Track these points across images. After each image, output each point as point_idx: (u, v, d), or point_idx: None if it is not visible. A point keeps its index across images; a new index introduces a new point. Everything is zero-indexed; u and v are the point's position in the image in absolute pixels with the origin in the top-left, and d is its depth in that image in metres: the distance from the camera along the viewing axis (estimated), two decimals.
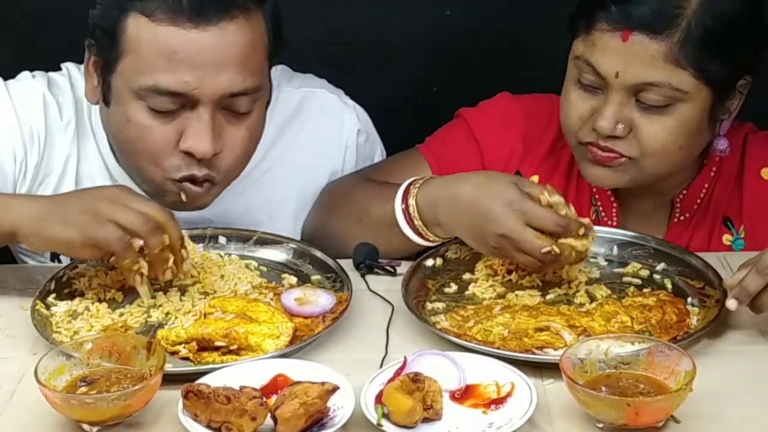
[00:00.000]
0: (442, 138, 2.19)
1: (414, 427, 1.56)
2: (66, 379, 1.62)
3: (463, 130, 2.17)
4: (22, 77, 2.09)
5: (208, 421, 1.54)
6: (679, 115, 1.92)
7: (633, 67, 1.89)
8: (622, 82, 1.90)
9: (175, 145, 1.92)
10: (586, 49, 1.93)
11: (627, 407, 1.54)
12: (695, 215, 2.09)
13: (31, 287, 1.89)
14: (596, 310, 1.82)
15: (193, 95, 1.88)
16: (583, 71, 1.94)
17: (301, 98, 2.19)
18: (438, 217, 1.93)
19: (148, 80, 1.88)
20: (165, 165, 1.93)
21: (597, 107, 1.94)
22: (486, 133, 2.15)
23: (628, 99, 1.92)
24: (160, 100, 1.89)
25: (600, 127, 1.93)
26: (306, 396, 1.53)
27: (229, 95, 1.90)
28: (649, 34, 1.87)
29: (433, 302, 1.90)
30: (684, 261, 1.95)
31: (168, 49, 1.86)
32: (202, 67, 1.87)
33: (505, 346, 1.74)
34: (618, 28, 1.89)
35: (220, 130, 1.92)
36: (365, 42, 2.64)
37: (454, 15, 2.69)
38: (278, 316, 1.77)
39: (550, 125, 2.13)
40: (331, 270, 1.95)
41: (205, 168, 1.93)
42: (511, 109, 2.16)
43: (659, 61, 1.88)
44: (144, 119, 1.91)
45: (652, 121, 1.92)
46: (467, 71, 2.66)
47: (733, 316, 1.82)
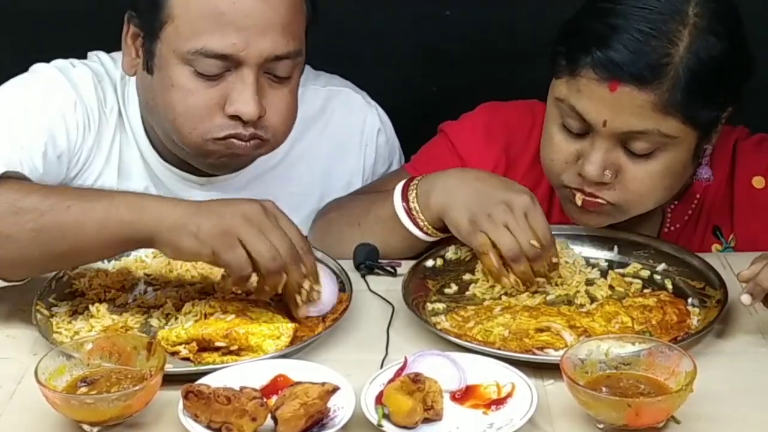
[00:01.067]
0: (427, 156, 2.19)
1: (414, 427, 1.56)
2: (66, 379, 1.62)
3: (446, 146, 2.16)
4: (62, 64, 2.09)
5: (208, 422, 1.54)
6: (666, 159, 1.89)
7: (621, 117, 1.85)
8: (609, 130, 1.86)
9: (220, 108, 1.94)
10: (571, 94, 1.89)
11: (627, 408, 1.54)
12: (686, 226, 2.09)
13: (31, 287, 1.89)
14: (597, 311, 1.82)
15: (240, 57, 1.91)
16: (567, 116, 1.91)
17: (327, 96, 2.23)
18: (435, 191, 1.93)
19: (196, 43, 1.91)
20: (207, 126, 1.95)
21: (582, 151, 1.91)
22: (469, 147, 2.14)
23: (615, 145, 1.88)
24: (207, 62, 1.92)
25: (587, 174, 1.89)
26: (306, 396, 1.53)
27: (273, 58, 1.93)
28: (637, 85, 1.83)
29: (434, 303, 1.90)
30: (684, 261, 1.95)
31: (215, 11, 1.90)
32: (249, 29, 1.90)
33: (506, 346, 1.74)
34: (605, 78, 1.84)
35: (263, 93, 1.95)
36: (365, 42, 2.64)
37: (454, 15, 2.69)
38: (278, 317, 1.77)
39: (532, 135, 2.12)
40: (331, 270, 1.95)
41: (252, 128, 1.96)
42: (492, 120, 2.15)
43: (648, 111, 1.84)
44: (189, 83, 1.94)
45: (639, 167, 1.89)
46: (467, 71, 2.66)
47: (733, 317, 1.83)
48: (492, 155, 2.12)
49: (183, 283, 1.93)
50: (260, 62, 1.92)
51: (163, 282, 1.94)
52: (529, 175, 2.11)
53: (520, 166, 2.12)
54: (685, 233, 2.08)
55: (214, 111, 1.94)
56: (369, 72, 2.40)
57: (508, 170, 2.11)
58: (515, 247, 1.84)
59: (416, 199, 1.96)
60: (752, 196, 2.05)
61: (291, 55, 1.96)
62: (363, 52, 2.63)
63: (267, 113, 1.96)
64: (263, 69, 1.94)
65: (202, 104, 1.94)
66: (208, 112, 1.94)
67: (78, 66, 2.10)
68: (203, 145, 1.97)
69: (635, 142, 1.87)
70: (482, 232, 1.86)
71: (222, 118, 1.95)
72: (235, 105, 1.93)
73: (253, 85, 1.93)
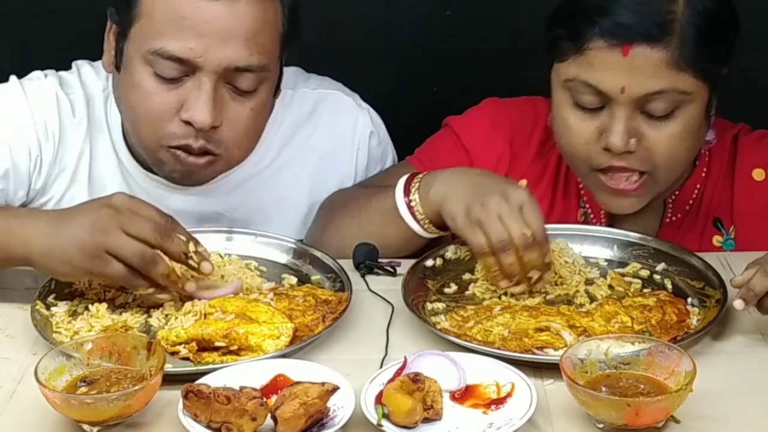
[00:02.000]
0: (432, 148, 2.19)
1: (414, 427, 1.56)
2: (66, 379, 1.62)
3: (452, 139, 2.17)
4: (33, 76, 2.12)
5: (208, 422, 1.54)
6: (684, 118, 1.92)
7: (638, 80, 1.87)
8: (628, 97, 1.89)
9: (176, 114, 1.94)
10: (581, 71, 1.90)
11: (627, 407, 1.54)
12: (687, 216, 2.10)
13: (31, 287, 1.89)
14: (596, 311, 1.82)
15: (197, 63, 1.91)
16: (579, 93, 1.92)
17: (317, 99, 2.22)
18: (436, 183, 1.93)
19: (155, 44, 1.91)
20: (163, 132, 1.95)
21: (603, 126, 1.92)
22: (474, 140, 2.15)
23: (633, 112, 1.91)
24: (165, 65, 1.92)
25: (613, 145, 1.91)
26: (306, 396, 1.53)
27: (233, 69, 1.92)
28: (649, 43, 1.86)
29: (433, 302, 1.90)
30: (684, 261, 1.95)
31: (178, 14, 1.90)
32: (209, 36, 1.90)
33: (505, 346, 1.74)
34: (616, 43, 1.87)
35: (223, 104, 1.94)
36: (365, 42, 2.64)
37: (454, 15, 2.69)
38: (278, 317, 1.77)
39: (535, 129, 2.13)
40: (331, 270, 1.96)
41: (203, 140, 1.95)
42: (497, 114, 2.16)
43: (662, 69, 1.87)
44: (148, 84, 1.94)
45: (660, 129, 1.92)
46: (467, 71, 2.66)
47: (733, 316, 1.83)
48: (497, 147, 2.13)
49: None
50: (218, 71, 1.91)
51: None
52: (533, 168, 2.13)
53: (523, 158, 2.13)
54: (686, 223, 2.09)
55: (170, 116, 1.94)
56: (369, 72, 2.40)
57: (512, 163, 2.13)
58: (504, 236, 1.81)
59: (417, 191, 1.95)
60: (752, 188, 2.07)
61: (254, 69, 1.94)
62: (363, 51, 2.63)
63: (223, 126, 1.95)
64: (225, 79, 1.93)
65: (159, 107, 1.94)
66: (165, 116, 1.94)
67: (47, 78, 2.11)
68: (158, 150, 1.98)
69: (654, 104, 1.90)
70: (477, 224, 1.84)
71: (176, 124, 1.94)
72: (189, 111, 1.93)
73: (209, 93, 1.92)
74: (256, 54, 1.93)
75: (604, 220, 2.10)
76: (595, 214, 2.11)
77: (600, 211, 2.10)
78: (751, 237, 2.05)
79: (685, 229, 2.09)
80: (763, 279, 1.71)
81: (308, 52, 2.14)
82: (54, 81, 2.10)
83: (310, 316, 1.82)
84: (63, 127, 2.07)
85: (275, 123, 2.15)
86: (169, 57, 1.91)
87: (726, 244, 2.09)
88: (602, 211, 2.10)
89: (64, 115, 2.07)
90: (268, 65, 1.96)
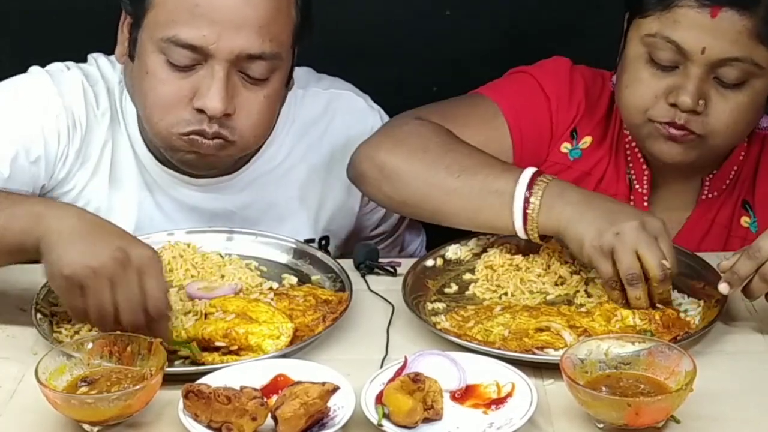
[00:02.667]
0: (511, 89, 2.15)
1: (414, 427, 1.56)
2: (66, 379, 1.62)
3: (533, 85, 2.15)
4: (55, 68, 2.11)
5: (208, 421, 1.54)
6: (752, 92, 1.96)
7: (720, 43, 1.91)
8: (706, 58, 1.92)
9: (188, 102, 1.95)
10: (665, 27, 1.94)
11: (627, 407, 1.54)
12: (722, 194, 2.12)
13: (31, 287, 1.89)
14: (596, 309, 1.82)
15: (210, 50, 1.91)
16: (658, 48, 1.95)
17: (329, 99, 2.22)
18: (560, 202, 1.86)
19: (169, 31, 1.92)
20: (174, 119, 1.95)
21: (674, 84, 1.95)
22: (557, 91, 2.14)
23: (707, 75, 1.94)
24: (178, 52, 1.92)
25: (683, 103, 1.94)
26: (306, 396, 1.53)
27: (245, 56, 1.93)
28: (738, 9, 1.90)
29: (434, 302, 1.90)
30: (684, 261, 1.95)
31: (191, 2, 1.91)
32: (222, 23, 1.90)
33: (506, 346, 1.74)
34: (706, 3, 1.90)
35: (235, 92, 1.95)
36: (365, 42, 2.64)
37: (454, 15, 2.69)
38: (278, 317, 1.77)
39: (603, 93, 2.16)
40: (332, 270, 1.96)
41: (216, 125, 1.95)
42: (573, 71, 2.17)
43: (744, 37, 1.91)
44: (161, 72, 1.95)
45: (727, 98, 1.95)
46: (467, 71, 2.65)
47: (733, 316, 1.83)
48: (574, 102, 2.14)
49: (183, 282, 1.93)
50: (231, 58, 1.92)
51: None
52: (598, 129, 2.14)
53: (592, 118, 2.14)
54: (719, 202, 2.12)
55: (183, 103, 1.95)
56: (369, 72, 2.40)
57: (584, 117, 2.14)
58: (637, 270, 1.77)
59: (540, 198, 1.87)
60: None
61: (266, 56, 1.94)
62: (363, 51, 2.63)
63: (236, 113, 1.96)
64: (237, 67, 1.94)
65: (171, 94, 1.95)
66: (177, 103, 1.95)
67: (70, 70, 2.11)
68: (169, 137, 1.98)
69: (727, 70, 1.93)
70: (609, 252, 1.79)
71: (189, 111, 1.95)
72: (202, 99, 1.93)
73: (222, 80, 1.92)
74: (268, 42, 1.94)
75: (646, 188, 2.12)
76: (639, 182, 2.12)
77: (643, 177, 2.12)
78: None
79: (719, 207, 2.12)
80: (747, 263, 1.74)
81: (309, 51, 2.14)
82: (79, 72, 2.10)
83: (310, 316, 1.82)
84: (89, 118, 2.08)
85: (287, 122, 2.15)
86: (182, 44, 1.91)
87: (752, 225, 2.12)
88: (645, 177, 2.11)
89: (90, 107, 2.08)
90: (280, 53, 1.97)
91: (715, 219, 2.11)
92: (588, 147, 2.14)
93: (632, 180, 2.13)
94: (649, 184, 2.12)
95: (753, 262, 1.75)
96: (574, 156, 2.14)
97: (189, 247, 2.01)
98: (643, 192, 2.12)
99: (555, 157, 2.14)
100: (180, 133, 1.96)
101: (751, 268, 1.75)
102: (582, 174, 2.13)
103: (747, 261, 1.75)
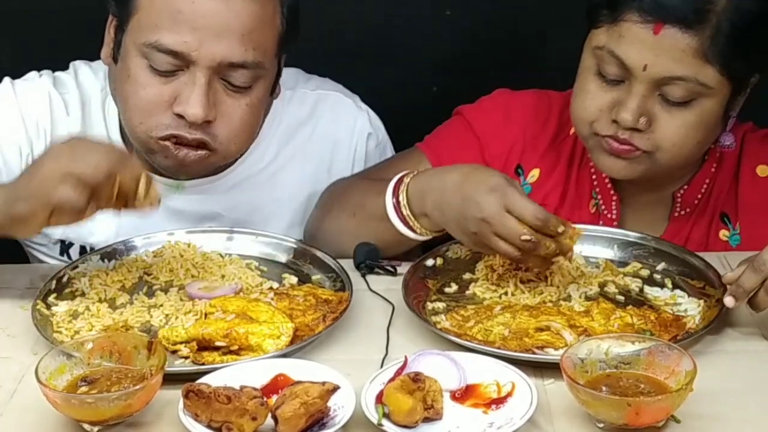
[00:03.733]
0: (442, 135, 2.19)
1: (414, 426, 1.56)
2: (67, 378, 1.62)
3: (463, 126, 2.17)
4: (28, 77, 2.14)
5: (208, 421, 1.54)
6: (700, 110, 1.93)
7: (662, 61, 1.89)
8: (648, 75, 1.90)
9: (168, 106, 1.95)
10: (611, 40, 1.92)
11: (627, 407, 1.54)
12: (695, 210, 2.10)
13: (31, 287, 1.89)
14: (594, 308, 1.82)
15: (191, 57, 1.91)
16: (605, 62, 1.94)
17: (316, 100, 2.22)
18: (425, 207, 1.92)
19: (151, 37, 1.92)
20: (153, 123, 1.96)
21: (618, 99, 1.94)
22: (486, 128, 2.15)
23: (651, 92, 1.92)
24: (160, 57, 1.92)
25: (623, 120, 1.92)
26: (306, 396, 1.53)
27: (227, 64, 1.93)
28: (681, 27, 1.87)
29: (434, 302, 1.90)
30: (684, 261, 1.95)
31: (174, 8, 1.91)
32: (204, 30, 1.90)
33: (506, 345, 1.74)
34: (649, 20, 1.88)
35: (217, 99, 1.95)
36: (365, 42, 2.64)
37: (454, 15, 2.69)
38: (279, 316, 1.77)
39: (549, 120, 2.14)
40: (332, 270, 1.96)
41: (198, 132, 1.95)
42: (510, 103, 2.17)
43: (688, 56, 1.88)
44: (143, 76, 1.95)
45: (673, 115, 1.93)
46: (467, 71, 2.66)
47: (733, 316, 1.83)
48: (510, 135, 2.14)
49: (183, 282, 1.93)
50: (213, 66, 1.92)
51: (163, 281, 1.94)
52: (546, 158, 2.13)
53: (537, 148, 2.14)
54: (693, 218, 2.10)
55: (162, 108, 1.95)
56: (369, 72, 2.40)
57: (525, 152, 2.13)
58: (513, 252, 1.81)
59: (407, 203, 1.94)
60: (756, 183, 2.09)
61: (249, 65, 1.94)
62: (363, 51, 2.63)
63: (217, 121, 1.95)
64: (219, 74, 1.94)
65: (151, 99, 1.95)
66: (156, 107, 1.95)
67: (41, 77, 2.12)
68: (147, 141, 1.98)
69: (672, 88, 1.90)
70: (486, 247, 1.86)
71: (168, 116, 1.95)
72: (182, 105, 1.93)
73: (204, 87, 1.92)
74: (251, 50, 1.93)
75: (615, 212, 2.11)
76: (606, 206, 2.11)
77: (612, 202, 2.10)
78: (755, 232, 2.07)
79: (692, 223, 2.10)
80: (752, 276, 1.73)
81: (308, 52, 2.14)
82: (48, 80, 2.11)
83: (310, 315, 1.82)
84: (55, 125, 2.08)
85: (274, 123, 2.15)
86: (164, 50, 1.92)
87: (732, 238, 2.10)
88: (614, 202, 2.10)
89: (57, 114, 2.08)
90: (263, 63, 1.96)
91: (689, 236, 2.08)
92: (537, 180, 2.13)
93: (599, 205, 2.11)
94: (618, 209, 2.10)
95: (759, 275, 1.73)
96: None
97: (189, 247, 2.01)
98: (612, 217, 2.10)
99: None
100: (158, 137, 1.96)
101: (756, 282, 1.73)
102: None
103: (752, 274, 1.73)
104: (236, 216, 2.14)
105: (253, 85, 1.97)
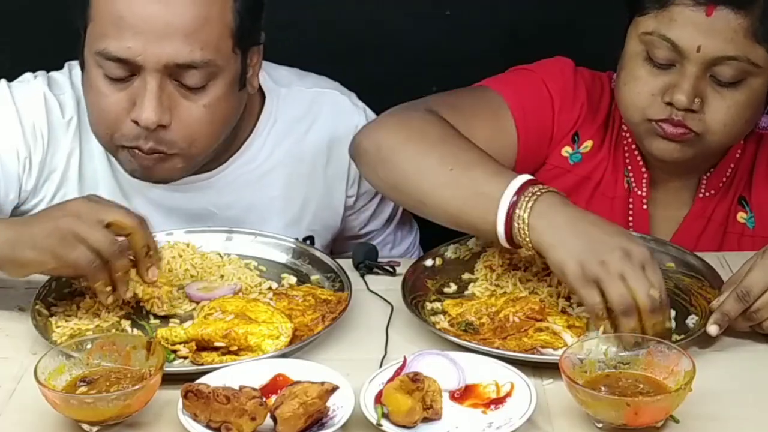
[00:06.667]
0: (519, 87, 2.13)
1: (414, 426, 1.56)
2: (66, 378, 1.62)
3: (537, 84, 2.14)
4: (23, 78, 2.13)
5: (207, 421, 1.54)
6: (749, 90, 1.97)
7: (715, 42, 1.92)
8: (702, 57, 1.93)
9: (127, 114, 1.94)
10: (661, 25, 1.95)
11: (626, 407, 1.54)
12: (719, 192, 2.13)
13: (30, 287, 1.89)
14: None
15: (137, 62, 1.90)
16: (654, 47, 1.96)
17: (312, 98, 2.20)
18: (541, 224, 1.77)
19: (100, 45, 1.92)
20: (117, 132, 1.96)
21: (671, 82, 1.96)
22: (561, 90, 2.14)
23: (703, 73, 1.95)
24: (110, 65, 1.92)
25: (678, 101, 1.95)
26: (305, 396, 1.53)
27: (175, 65, 1.91)
28: (733, 8, 1.91)
29: (433, 302, 1.90)
30: (684, 261, 1.95)
31: (116, 15, 1.90)
32: (146, 34, 1.89)
33: (505, 346, 1.74)
34: (702, 2, 1.92)
35: (171, 102, 1.94)
36: (365, 42, 2.64)
37: (454, 15, 2.69)
38: (278, 317, 1.77)
39: (603, 97, 2.16)
40: (331, 270, 1.96)
41: (152, 141, 1.95)
42: (576, 73, 2.17)
43: (740, 36, 1.92)
44: (101, 85, 1.95)
45: (724, 96, 1.96)
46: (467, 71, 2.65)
47: None
48: (577, 104, 2.14)
49: (182, 282, 1.93)
50: (160, 68, 1.91)
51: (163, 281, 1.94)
52: (597, 135, 2.15)
53: (594, 121, 2.15)
54: (716, 200, 2.13)
55: (123, 116, 1.94)
56: (368, 71, 2.40)
57: (585, 121, 2.14)
58: (628, 300, 1.69)
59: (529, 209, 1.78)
60: None
61: (198, 65, 1.92)
62: (363, 51, 2.63)
63: (173, 125, 1.94)
64: (170, 77, 1.92)
65: (111, 107, 1.94)
66: (117, 116, 1.95)
67: (36, 79, 2.11)
68: (115, 151, 1.99)
69: (723, 68, 1.94)
70: (594, 282, 1.71)
71: (129, 125, 1.94)
72: (136, 111, 1.93)
73: (155, 92, 1.91)
74: (198, 50, 1.91)
75: (645, 190, 2.12)
76: (637, 183, 2.13)
77: (642, 180, 2.12)
78: (765, 212, 2.12)
79: (715, 204, 2.13)
80: (735, 305, 1.75)
81: (307, 51, 2.15)
82: (42, 82, 2.10)
83: (309, 315, 1.82)
84: (52, 127, 2.08)
85: (269, 121, 2.14)
86: (112, 57, 1.91)
87: (749, 221, 2.13)
88: (644, 180, 2.12)
89: (53, 116, 2.08)
90: (214, 60, 1.94)
91: (711, 217, 2.12)
92: (589, 151, 2.15)
93: (630, 182, 2.13)
94: (648, 187, 2.13)
95: (742, 304, 1.75)
96: (574, 160, 2.14)
97: (188, 246, 2.01)
98: (642, 194, 2.12)
99: (555, 160, 2.14)
100: (123, 146, 1.96)
101: (739, 310, 1.76)
102: (581, 179, 2.14)
103: (736, 304, 1.75)
104: (231, 214, 2.13)
105: (207, 85, 1.95)
